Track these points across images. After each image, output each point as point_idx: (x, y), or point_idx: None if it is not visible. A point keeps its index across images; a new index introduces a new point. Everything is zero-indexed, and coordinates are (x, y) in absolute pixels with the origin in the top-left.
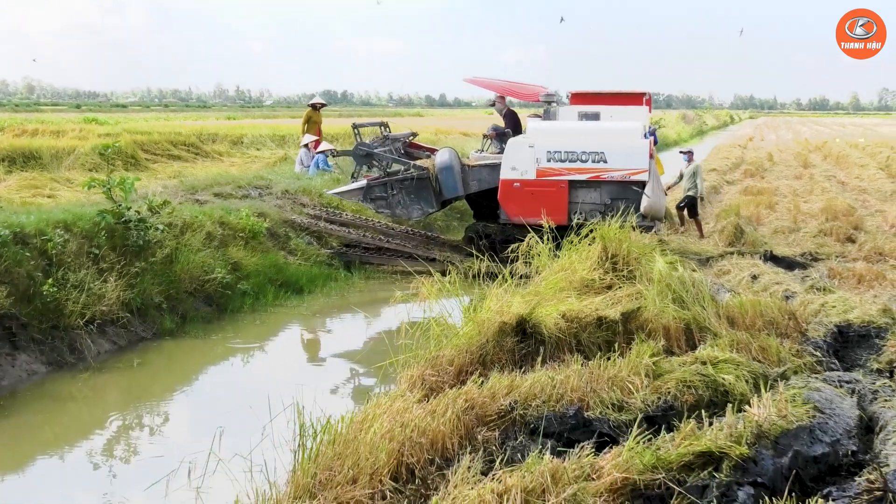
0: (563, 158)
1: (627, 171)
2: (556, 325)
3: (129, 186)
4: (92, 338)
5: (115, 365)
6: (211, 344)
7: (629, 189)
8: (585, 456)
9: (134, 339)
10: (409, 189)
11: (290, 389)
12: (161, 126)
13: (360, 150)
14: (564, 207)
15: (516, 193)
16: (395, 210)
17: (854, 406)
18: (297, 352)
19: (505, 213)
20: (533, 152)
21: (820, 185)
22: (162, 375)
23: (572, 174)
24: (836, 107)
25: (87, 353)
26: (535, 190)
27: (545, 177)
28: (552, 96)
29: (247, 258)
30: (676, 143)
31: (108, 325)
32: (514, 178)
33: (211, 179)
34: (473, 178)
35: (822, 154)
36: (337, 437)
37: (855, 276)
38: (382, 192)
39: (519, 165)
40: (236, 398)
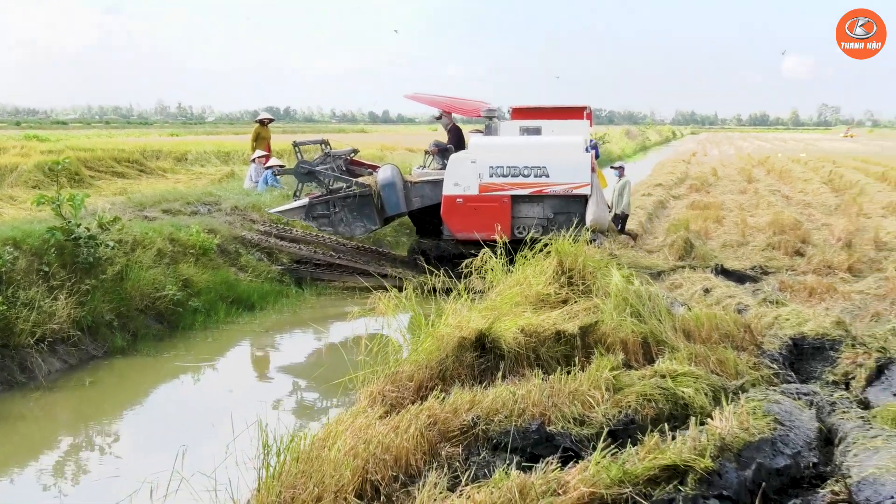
0: (506, 173)
1: (570, 185)
2: (515, 339)
3: (79, 203)
4: (43, 356)
5: (66, 384)
6: (163, 362)
7: (572, 203)
8: (552, 471)
9: (85, 357)
10: (352, 206)
11: (247, 407)
12: (103, 143)
13: (302, 168)
14: (507, 222)
15: (459, 209)
16: (338, 228)
17: (813, 418)
18: (251, 369)
19: (448, 229)
20: (475, 168)
21: (765, 200)
22: (115, 394)
23: (515, 189)
24: (776, 122)
25: (38, 373)
26: (478, 205)
27: (488, 192)
28: (493, 111)
29: (198, 275)
30: (621, 157)
31: (58, 344)
32: (457, 193)
33: (159, 196)
34: (416, 195)
35: (765, 169)
36: (300, 454)
37: (806, 288)
38: (324, 210)
39: (461, 181)
40: (192, 416)
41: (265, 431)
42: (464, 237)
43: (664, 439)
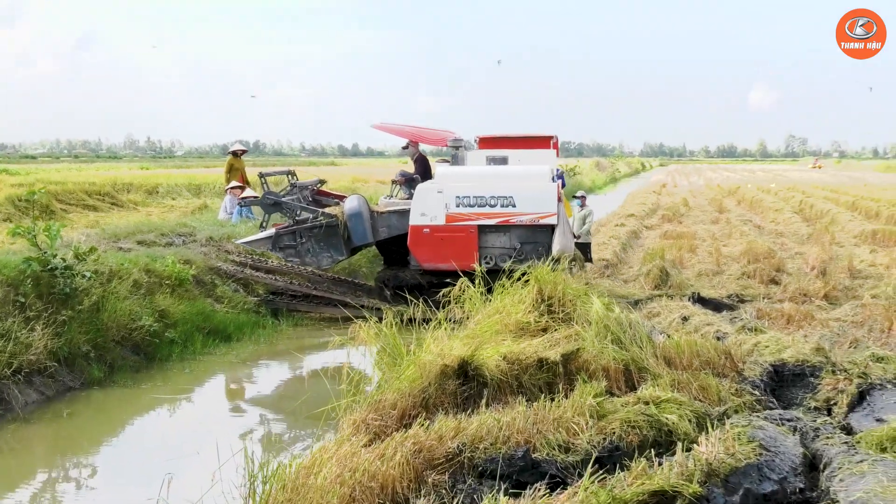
0: (472, 203)
1: (536, 214)
2: (497, 367)
3: (55, 233)
4: (19, 388)
5: (43, 416)
6: (141, 393)
7: (538, 232)
8: (540, 497)
9: (62, 388)
10: (318, 237)
11: (229, 438)
12: (74, 176)
13: (268, 199)
14: (474, 252)
15: (426, 239)
16: (305, 258)
17: (797, 444)
18: (230, 400)
19: (415, 260)
20: (442, 198)
21: (738, 229)
22: (93, 426)
23: (481, 219)
24: (744, 154)
25: (15, 404)
26: (445, 235)
27: (455, 222)
28: (460, 141)
29: (174, 306)
30: (591, 189)
31: (35, 375)
32: (424, 223)
33: (133, 227)
34: (383, 225)
35: (735, 199)
36: (287, 482)
37: (783, 316)
38: (291, 241)
39: (428, 211)
40: (172, 448)
41: (251, 460)
42: (431, 267)
43: (651, 465)
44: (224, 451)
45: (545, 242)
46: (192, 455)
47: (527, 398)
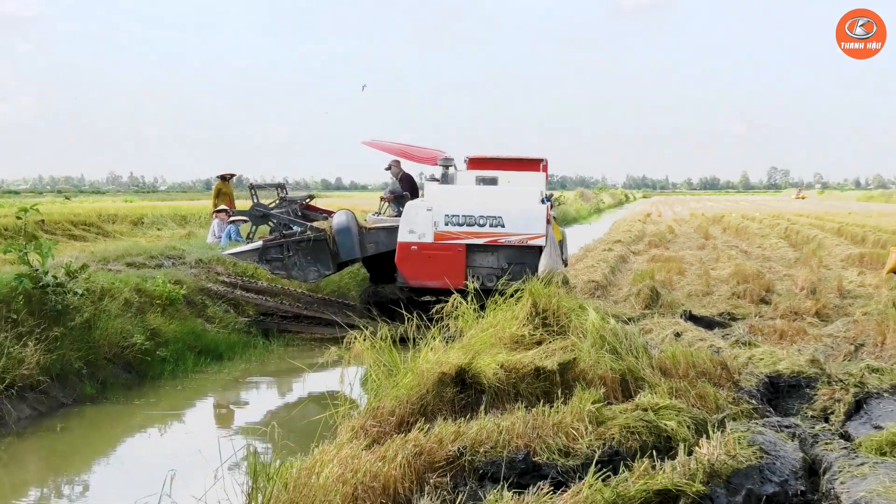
0: (461, 222)
1: (525, 235)
2: (495, 374)
3: (47, 251)
4: (12, 403)
5: (36, 431)
6: (134, 409)
7: (526, 253)
8: (544, 494)
9: (54, 404)
10: (306, 251)
11: (226, 444)
12: (59, 208)
13: (257, 211)
14: (462, 271)
15: (414, 256)
16: (291, 272)
17: (797, 449)
18: (224, 413)
19: (402, 276)
20: (431, 215)
21: (725, 254)
22: (87, 441)
23: (470, 238)
24: (726, 185)
25: (8, 419)
26: (433, 253)
27: (443, 240)
28: (450, 160)
29: (165, 325)
30: (576, 219)
31: (28, 391)
32: (412, 241)
33: (122, 250)
34: (370, 241)
35: (720, 227)
36: (289, 480)
37: (776, 331)
38: (278, 254)
39: (417, 228)
40: (169, 455)
41: (255, 456)
42: (417, 285)
43: (653, 466)
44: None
45: (533, 263)
46: (192, 454)
47: (525, 406)
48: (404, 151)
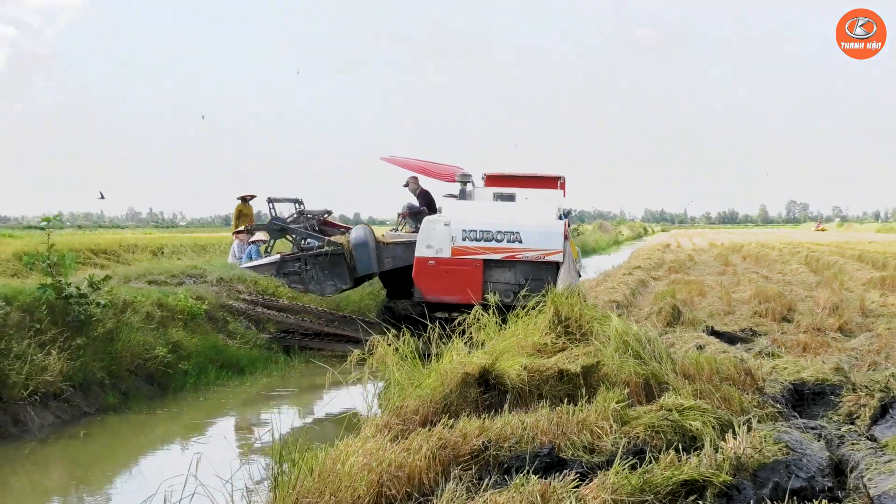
0: (479, 237)
1: (542, 251)
2: (518, 376)
3: (70, 262)
4: (36, 410)
5: (59, 438)
6: (156, 418)
7: (543, 269)
8: (570, 481)
9: (77, 413)
10: (323, 265)
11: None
12: (79, 238)
13: (275, 225)
14: (479, 286)
15: (431, 271)
16: (309, 286)
17: (823, 448)
18: (249, 419)
19: (419, 291)
20: (448, 231)
21: (746, 278)
22: (111, 447)
23: (487, 253)
24: (745, 219)
25: (32, 426)
26: (450, 268)
27: (460, 255)
28: (468, 176)
29: (187, 339)
30: (595, 251)
31: (51, 399)
32: (429, 255)
33: (143, 269)
34: (388, 256)
35: (740, 255)
36: (314, 466)
37: (799, 344)
38: (296, 267)
39: (434, 243)
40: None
41: (279, 442)
42: (434, 300)
43: (679, 458)
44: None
45: (550, 279)
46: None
47: (549, 405)
48: (422, 168)
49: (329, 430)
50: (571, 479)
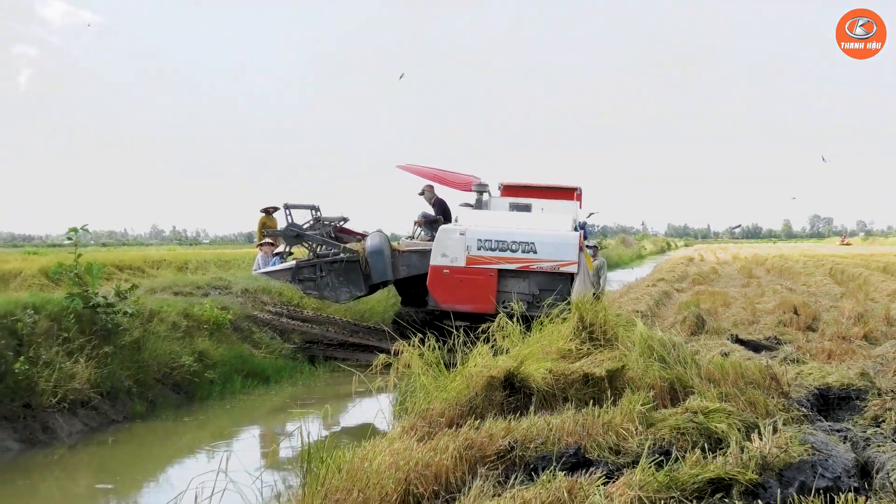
0: (494, 247)
1: (557, 262)
2: (543, 379)
3: (97, 272)
4: (64, 418)
5: (87, 445)
6: (184, 426)
7: (558, 280)
8: (598, 478)
9: (105, 421)
10: (339, 272)
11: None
12: (104, 255)
13: (291, 231)
14: (493, 295)
15: (445, 280)
16: (324, 292)
17: (849, 450)
18: (276, 426)
19: (433, 300)
20: (464, 240)
21: (770, 289)
22: (139, 454)
23: (502, 263)
24: (768, 234)
25: (60, 433)
26: (465, 277)
27: (475, 265)
28: (484, 186)
29: (212, 348)
30: (618, 264)
31: (79, 407)
32: (444, 264)
33: (169, 281)
34: (403, 264)
35: (764, 268)
36: (343, 464)
37: (824, 351)
38: (311, 274)
39: (449, 252)
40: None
41: (307, 439)
42: (448, 308)
43: (705, 457)
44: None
45: (564, 290)
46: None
47: (574, 408)
48: (438, 176)
49: (355, 434)
50: (598, 477)
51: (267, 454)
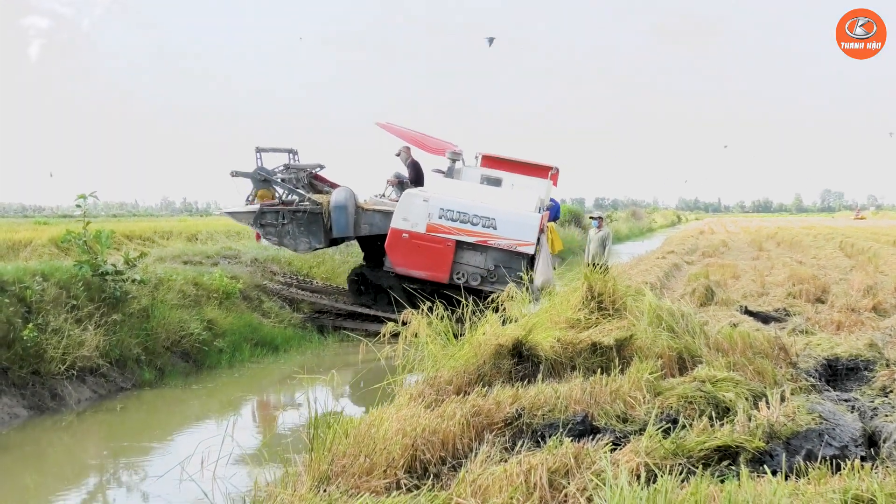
0: (455, 218)
1: (515, 241)
2: (551, 347)
3: (106, 239)
4: (73, 385)
5: (97, 412)
6: (192, 393)
7: (514, 259)
8: (604, 445)
9: (114, 388)
10: (300, 221)
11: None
12: (113, 224)
13: (258, 175)
14: (448, 266)
15: (404, 244)
16: (283, 240)
17: (856, 419)
18: (285, 393)
19: (390, 262)
20: (426, 207)
21: (780, 262)
22: (147, 421)
23: (461, 235)
24: (779, 208)
25: (69, 400)
26: (422, 244)
27: (434, 233)
28: (458, 154)
29: (221, 317)
30: (628, 237)
31: (87, 375)
32: (404, 228)
33: (179, 251)
34: (366, 222)
35: (775, 241)
36: (350, 429)
37: (833, 322)
38: (273, 220)
39: (410, 217)
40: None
41: (314, 405)
42: (403, 272)
43: (712, 425)
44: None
45: (519, 269)
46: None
47: (582, 377)
48: (416, 139)
49: (363, 401)
50: (605, 444)
51: (274, 420)
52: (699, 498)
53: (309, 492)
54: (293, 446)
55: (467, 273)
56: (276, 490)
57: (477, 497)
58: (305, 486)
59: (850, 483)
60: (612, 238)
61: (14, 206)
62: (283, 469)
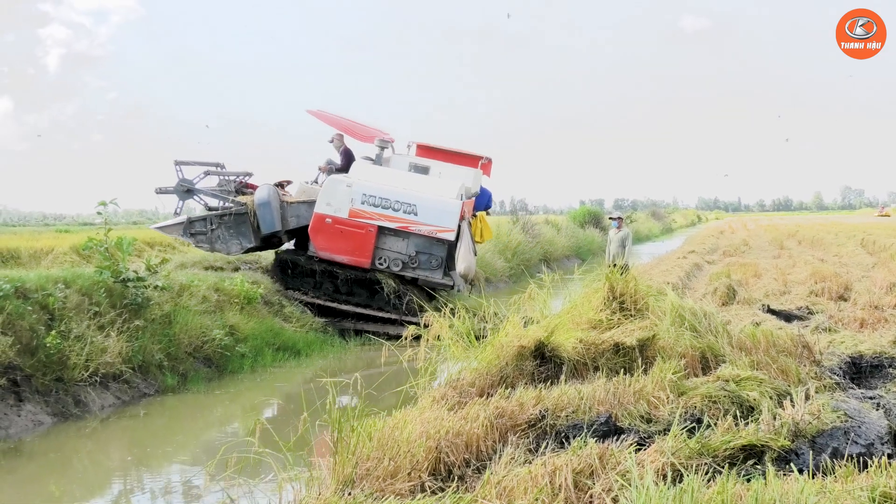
0: (377, 204)
1: (435, 227)
2: (574, 348)
3: (127, 246)
4: (96, 391)
5: (120, 418)
6: (215, 399)
7: (435, 245)
8: (628, 445)
9: (137, 394)
10: (229, 224)
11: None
12: (134, 232)
13: (182, 186)
14: (370, 251)
15: (327, 229)
16: (215, 245)
17: (882, 417)
18: (307, 398)
19: (313, 246)
20: (350, 192)
21: (801, 260)
22: (170, 427)
23: (383, 220)
24: (799, 206)
25: (93, 406)
26: (345, 229)
27: (357, 218)
28: (387, 142)
29: (243, 322)
30: (648, 238)
31: (110, 381)
32: (328, 213)
33: (200, 257)
34: (292, 215)
35: (796, 240)
36: (373, 432)
37: (857, 320)
38: (202, 228)
39: (334, 202)
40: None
41: (336, 409)
42: (326, 257)
43: (737, 424)
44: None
45: (440, 256)
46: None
47: (605, 377)
48: (346, 127)
49: (386, 404)
50: (630, 444)
51: (297, 424)
52: (726, 497)
53: (334, 495)
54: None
55: (389, 258)
56: (301, 494)
57: (502, 499)
58: (330, 489)
59: (877, 480)
60: (632, 238)
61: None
62: (307, 473)
